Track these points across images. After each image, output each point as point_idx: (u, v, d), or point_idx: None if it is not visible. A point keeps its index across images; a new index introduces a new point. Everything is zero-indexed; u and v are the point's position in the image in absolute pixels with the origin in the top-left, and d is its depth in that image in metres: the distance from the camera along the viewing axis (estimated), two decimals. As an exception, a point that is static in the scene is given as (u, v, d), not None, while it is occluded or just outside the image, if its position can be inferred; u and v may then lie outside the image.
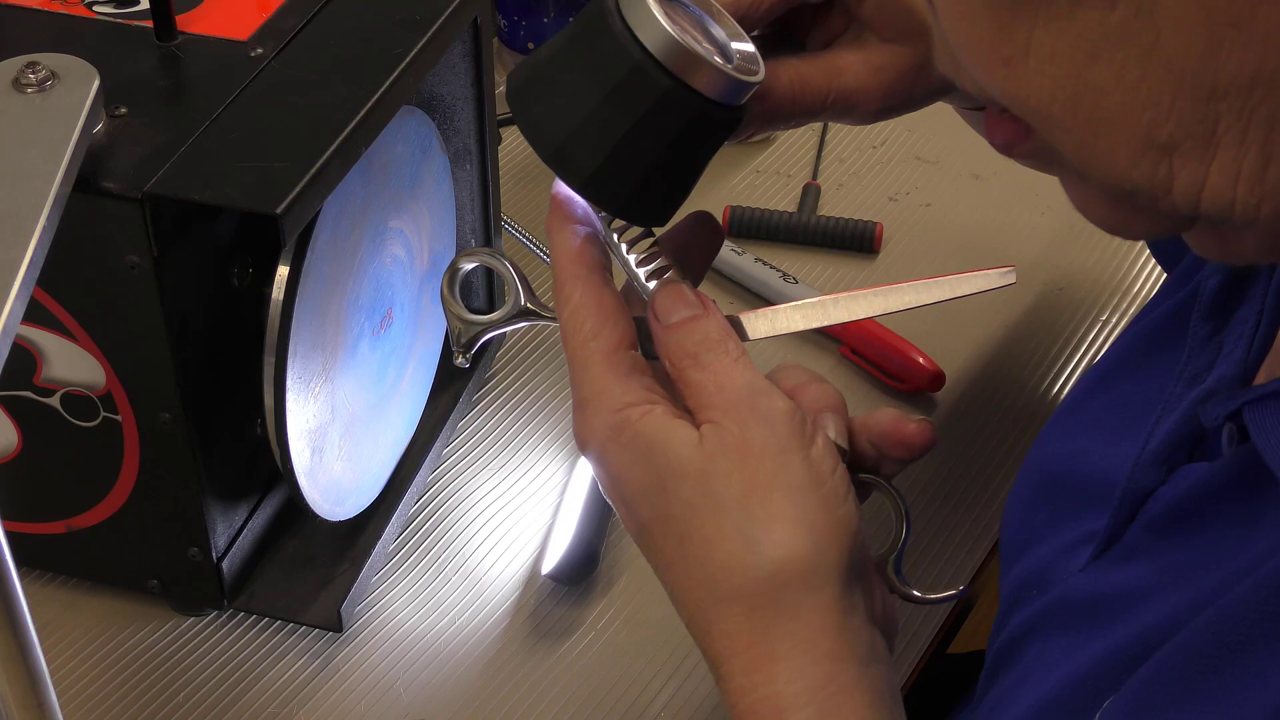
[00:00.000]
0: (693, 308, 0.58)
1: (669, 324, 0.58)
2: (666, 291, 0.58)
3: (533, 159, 1.21)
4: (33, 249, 0.56)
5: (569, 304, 0.58)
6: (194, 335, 0.76)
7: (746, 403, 0.56)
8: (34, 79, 0.65)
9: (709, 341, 0.57)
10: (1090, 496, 0.64)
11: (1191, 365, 0.61)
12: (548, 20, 1.24)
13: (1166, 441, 0.59)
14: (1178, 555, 0.57)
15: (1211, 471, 0.56)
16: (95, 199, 0.69)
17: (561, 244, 0.60)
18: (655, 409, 0.56)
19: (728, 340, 0.58)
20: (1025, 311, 1.08)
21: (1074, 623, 0.61)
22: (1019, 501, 0.72)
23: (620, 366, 0.57)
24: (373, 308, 0.85)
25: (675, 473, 0.55)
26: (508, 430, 0.98)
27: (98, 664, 0.84)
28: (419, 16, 0.80)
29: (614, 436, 0.56)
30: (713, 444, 0.55)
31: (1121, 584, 0.59)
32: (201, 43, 0.79)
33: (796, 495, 0.55)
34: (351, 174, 0.74)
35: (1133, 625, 0.56)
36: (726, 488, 0.54)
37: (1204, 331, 0.61)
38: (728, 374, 0.57)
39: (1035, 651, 0.62)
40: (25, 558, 0.85)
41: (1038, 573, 0.66)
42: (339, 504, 0.86)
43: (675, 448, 0.55)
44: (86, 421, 0.78)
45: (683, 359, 0.57)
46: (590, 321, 0.57)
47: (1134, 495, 0.60)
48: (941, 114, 1.27)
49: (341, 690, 0.83)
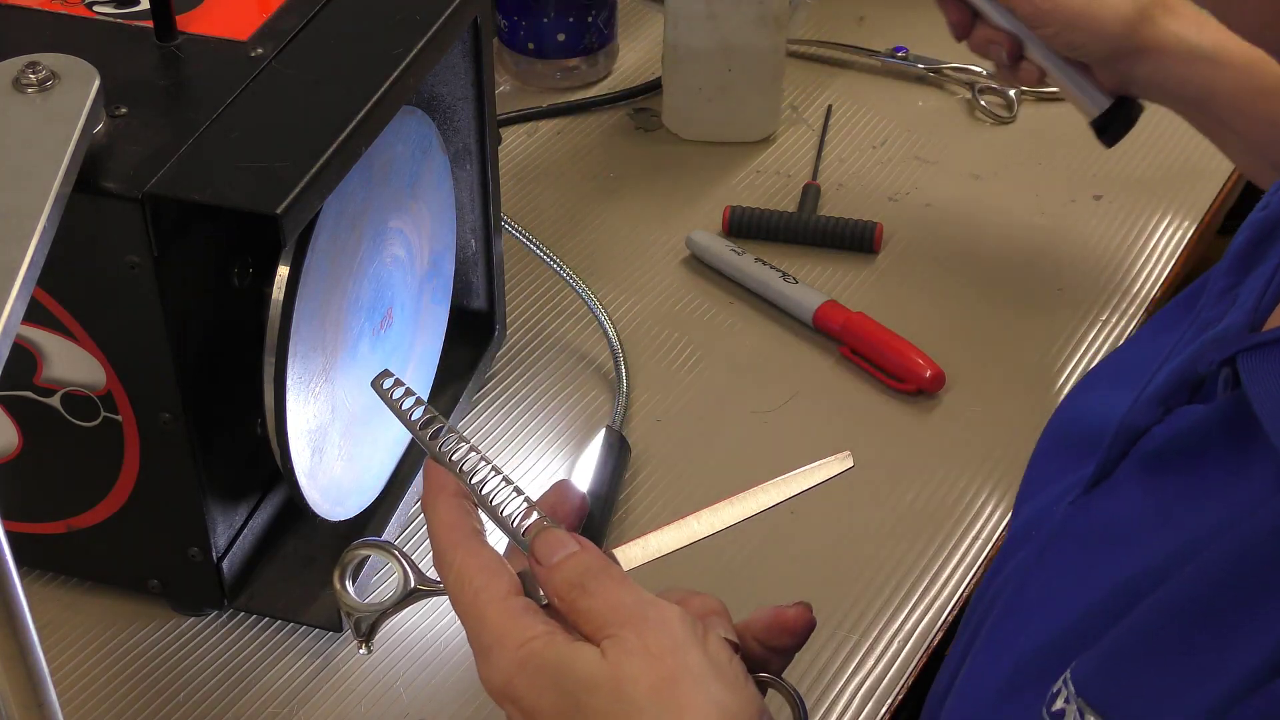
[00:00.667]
0: (570, 547, 0.61)
1: (551, 565, 0.61)
2: (543, 538, 0.61)
3: (533, 159, 1.22)
4: (33, 249, 0.56)
5: (452, 569, 0.61)
6: (194, 335, 0.76)
7: (639, 614, 0.59)
8: (34, 79, 0.65)
9: (592, 570, 0.60)
10: (1089, 444, 0.64)
11: (1205, 314, 0.62)
12: (548, 20, 1.24)
13: (1167, 382, 0.60)
14: (1166, 493, 0.57)
15: (1205, 413, 0.57)
16: (95, 199, 0.69)
17: (436, 517, 0.63)
18: (556, 636, 0.59)
19: (609, 566, 0.61)
20: (1025, 311, 1.08)
21: (1060, 563, 0.61)
22: (1034, 459, 0.73)
23: (513, 610, 0.60)
24: (373, 308, 0.85)
25: (586, 686, 0.57)
26: (508, 430, 0.99)
27: (98, 664, 0.84)
28: (419, 16, 0.80)
29: (521, 669, 0.58)
30: (615, 654, 0.58)
31: (1107, 520, 0.60)
32: (201, 43, 0.79)
33: (701, 683, 0.57)
34: (351, 174, 0.74)
35: (1116, 569, 0.57)
36: (636, 689, 0.57)
37: (1223, 284, 0.62)
38: (616, 594, 0.60)
39: (1020, 596, 0.63)
40: (25, 558, 0.85)
41: (1032, 519, 0.67)
42: (339, 504, 0.86)
43: (582, 665, 0.58)
44: (87, 421, 0.78)
45: (570, 590, 0.60)
46: (477, 578, 0.60)
47: (1128, 432, 0.61)
48: (942, 114, 1.27)
49: (341, 690, 0.83)
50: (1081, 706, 0.52)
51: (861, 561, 0.91)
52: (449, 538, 0.62)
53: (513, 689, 0.59)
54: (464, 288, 0.99)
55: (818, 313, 1.05)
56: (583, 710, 0.57)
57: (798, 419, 1.00)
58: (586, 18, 1.24)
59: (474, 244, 0.98)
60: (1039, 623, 0.60)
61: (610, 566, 0.61)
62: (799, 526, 0.92)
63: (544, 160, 1.21)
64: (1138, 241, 1.14)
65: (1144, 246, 1.14)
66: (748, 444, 0.98)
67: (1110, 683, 0.52)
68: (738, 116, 1.21)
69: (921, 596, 0.89)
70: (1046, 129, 1.25)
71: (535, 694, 0.58)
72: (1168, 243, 1.15)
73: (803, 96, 1.27)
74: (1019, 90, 1.26)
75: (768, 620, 0.64)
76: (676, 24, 1.17)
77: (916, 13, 1.36)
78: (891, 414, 1.00)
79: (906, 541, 0.92)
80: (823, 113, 1.25)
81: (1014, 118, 1.26)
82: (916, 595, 0.89)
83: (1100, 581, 0.57)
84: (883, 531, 0.93)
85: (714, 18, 1.15)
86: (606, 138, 1.23)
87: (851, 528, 0.93)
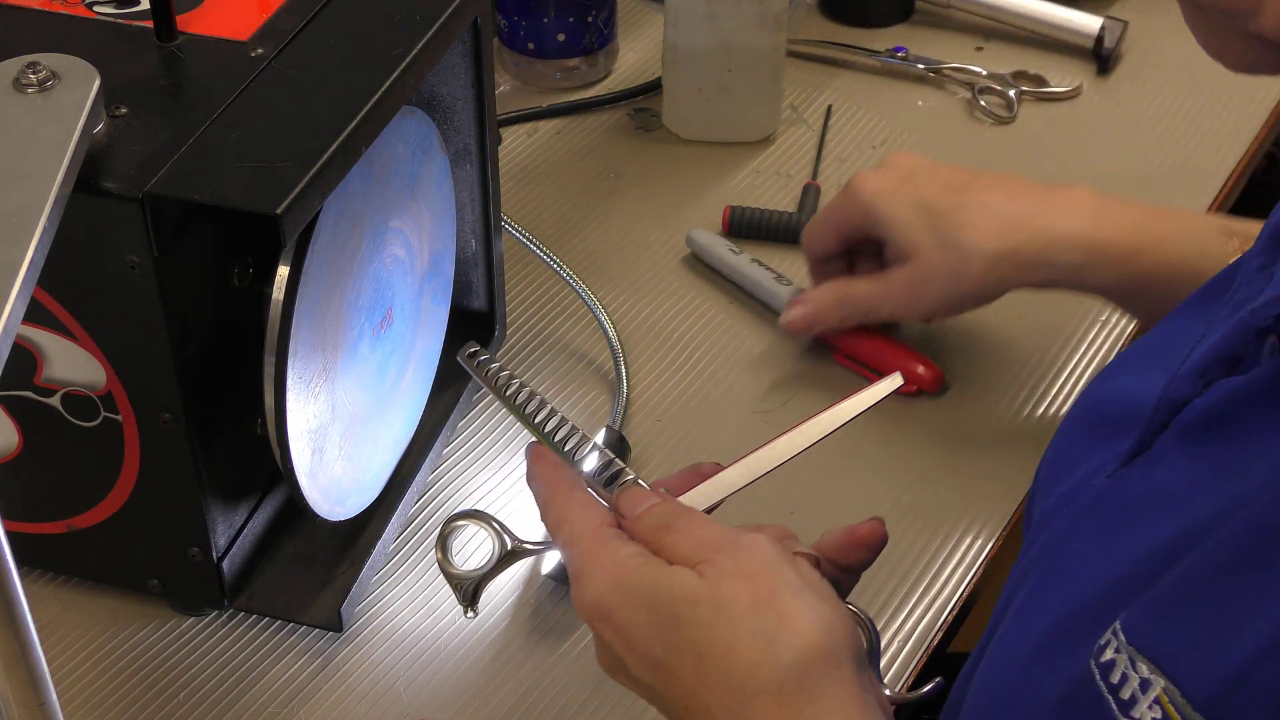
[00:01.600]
0: (650, 500, 0.65)
1: (635, 516, 0.64)
2: (626, 493, 0.65)
3: (533, 159, 1.22)
4: (33, 249, 0.56)
5: (552, 511, 0.66)
6: (194, 335, 0.76)
7: (730, 541, 0.62)
8: (34, 79, 0.65)
9: (675, 513, 0.64)
10: (1125, 422, 0.65)
11: (1241, 292, 0.62)
12: (548, 20, 1.24)
13: (1208, 356, 0.60)
14: (1209, 461, 0.58)
15: (1249, 380, 0.57)
16: (95, 199, 0.69)
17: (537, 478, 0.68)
18: (652, 559, 0.62)
19: (691, 510, 0.64)
20: (1025, 311, 1.07)
21: (1101, 528, 0.62)
22: (1059, 441, 0.74)
23: (607, 536, 0.64)
24: (373, 308, 0.85)
25: (686, 600, 0.60)
26: (508, 430, 0.98)
27: (98, 664, 0.84)
28: (419, 16, 0.80)
29: (615, 587, 0.62)
30: (713, 575, 0.61)
31: (1149, 488, 0.60)
32: (201, 43, 0.79)
33: (799, 595, 0.61)
34: (351, 174, 0.74)
35: (1161, 528, 0.57)
36: (736, 605, 0.60)
37: (1258, 263, 0.63)
38: (702, 529, 0.63)
39: (1062, 561, 0.63)
40: (25, 558, 0.85)
41: (1068, 494, 0.67)
42: (339, 504, 0.86)
43: (680, 583, 0.61)
44: (87, 421, 0.78)
45: (656, 531, 0.63)
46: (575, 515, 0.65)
47: (1168, 405, 0.61)
48: (942, 114, 1.27)
49: (341, 690, 0.83)
50: (1132, 655, 0.52)
51: (861, 561, 0.91)
52: (549, 491, 0.67)
53: (604, 605, 0.61)
54: (464, 288, 0.99)
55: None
56: (680, 623, 0.60)
57: (798, 419, 0.99)
58: (586, 18, 1.24)
59: (474, 244, 0.98)
60: (1080, 583, 0.60)
61: (692, 510, 0.64)
62: (799, 527, 0.92)
63: (544, 160, 1.21)
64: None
65: (1144, 246, 1.14)
66: (748, 444, 0.97)
67: (1161, 630, 0.52)
68: (738, 116, 1.21)
69: (922, 596, 0.89)
70: (1046, 129, 1.25)
71: (629, 610, 0.61)
72: (1168, 243, 1.14)
73: (803, 96, 1.27)
74: (1019, 90, 1.26)
75: (841, 539, 0.68)
76: (676, 24, 1.17)
77: (916, 13, 1.37)
78: (892, 414, 1.00)
79: (907, 541, 0.92)
80: (823, 113, 1.25)
81: (1014, 118, 1.26)
82: (917, 595, 0.89)
83: (1144, 541, 0.57)
84: (883, 531, 0.93)
85: (714, 18, 1.15)
86: (606, 138, 1.23)
87: (851, 528, 0.93)
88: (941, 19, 1.36)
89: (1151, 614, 0.53)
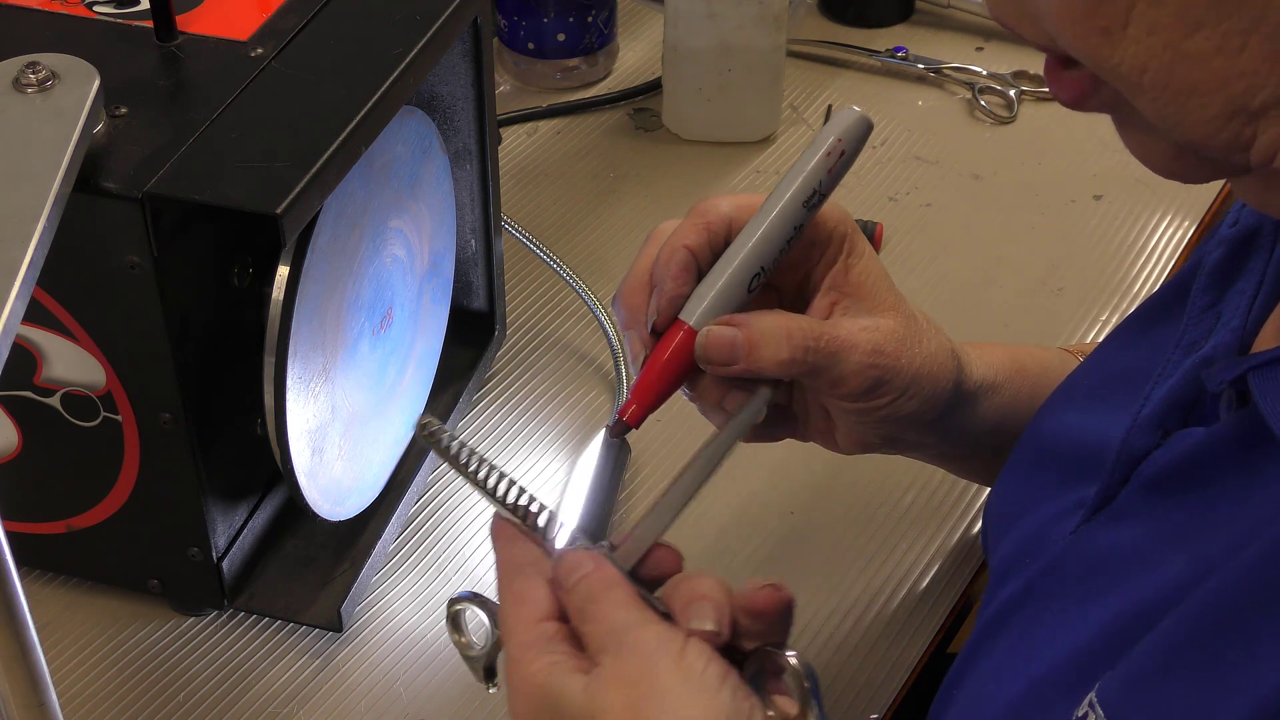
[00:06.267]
0: (581, 570, 0.63)
1: (566, 589, 0.62)
2: (562, 561, 0.63)
3: (533, 159, 1.22)
4: (33, 249, 0.56)
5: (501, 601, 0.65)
6: (194, 335, 0.76)
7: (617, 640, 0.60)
8: (34, 79, 0.65)
9: (593, 594, 0.62)
10: (1081, 465, 0.64)
11: (1189, 333, 0.62)
12: (548, 20, 1.24)
13: (1163, 405, 0.60)
14: (1175, 516, 0.57)
15: (1210, 435, 0.57)
16: (95, 199, 0.69)
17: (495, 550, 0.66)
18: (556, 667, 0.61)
19: (613, 587, 0.62)
20: (1025, 311, 1.07)
21: (1068, 588, 0.61)
22: (1009, 476, 0.73)
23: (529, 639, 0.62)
24: (373, 308, 0.85)
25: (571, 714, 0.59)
26: (508, 430, 0.99)
27: (98, 664, 0.84)
28: (419, 16, 0.80)
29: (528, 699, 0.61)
30: (595, 685, 0.59)
31: (1115, 546, 0.60)
32: (201, 43, 0.79)
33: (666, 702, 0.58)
34: (351, 174, 0.74)
35: (1131, 591, 0.57)
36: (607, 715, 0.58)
37: (1203, 302, 0.63)
38: (610, 617, 0.61)
39: (1029, 619, 0.63)
40: (25, 558, 0.85)
41: (1028, 542, 0.66)
42: (339, 504, 0.86)
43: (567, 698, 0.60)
44: (86, 421, 0.78)
45: (575, 616, 0.62)
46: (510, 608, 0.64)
47: (1128, 457, 0.61)
48: (942, 114, 1.27)
49: (341, 690, 0.83)
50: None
51: (861, 562, 0.91)
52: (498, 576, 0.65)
53: (515, 710, 0.61)
54: (464, 288, 0.99)
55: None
56: None
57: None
58: (586, 18, 1.24)
59: (474, 244, 0.98)
60: (1050, 648, 0.59)
61: (615, 587, 0.61)
62: (799, 527, 0.92)
63: (544, 160, 1.21)
64: (1138, 241, 1.14)
65: (1144, 246, 1.14)
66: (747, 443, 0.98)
67: (1139, 702, 0.52)
68: (738, 116, 1.21)
69: (922, 596, 0.89)
70: (1046, 129, 1.25)
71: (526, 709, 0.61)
72: (1167, 243, 1.15)
73: (803, 96, 1.27)
74: (1019, 90, 1.26)
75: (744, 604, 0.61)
76: (676, 24, 1.17)
77: (916, 13, 1.37)
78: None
79: (907, 541, 0.92)
80: (823, 113, 1.25)
81: (1014, 118, 1.26)
82: (917, 595, 0.89)
83: (1113, 605, 0.57)
84: (883, 531, 0.93)
85: (714, 18, 1.15)
86: (606, 138, 1.23)
87: (851, 528, 0.93)
88: (941, 19, 1.36)
89: (1127, 685, 0.53)
